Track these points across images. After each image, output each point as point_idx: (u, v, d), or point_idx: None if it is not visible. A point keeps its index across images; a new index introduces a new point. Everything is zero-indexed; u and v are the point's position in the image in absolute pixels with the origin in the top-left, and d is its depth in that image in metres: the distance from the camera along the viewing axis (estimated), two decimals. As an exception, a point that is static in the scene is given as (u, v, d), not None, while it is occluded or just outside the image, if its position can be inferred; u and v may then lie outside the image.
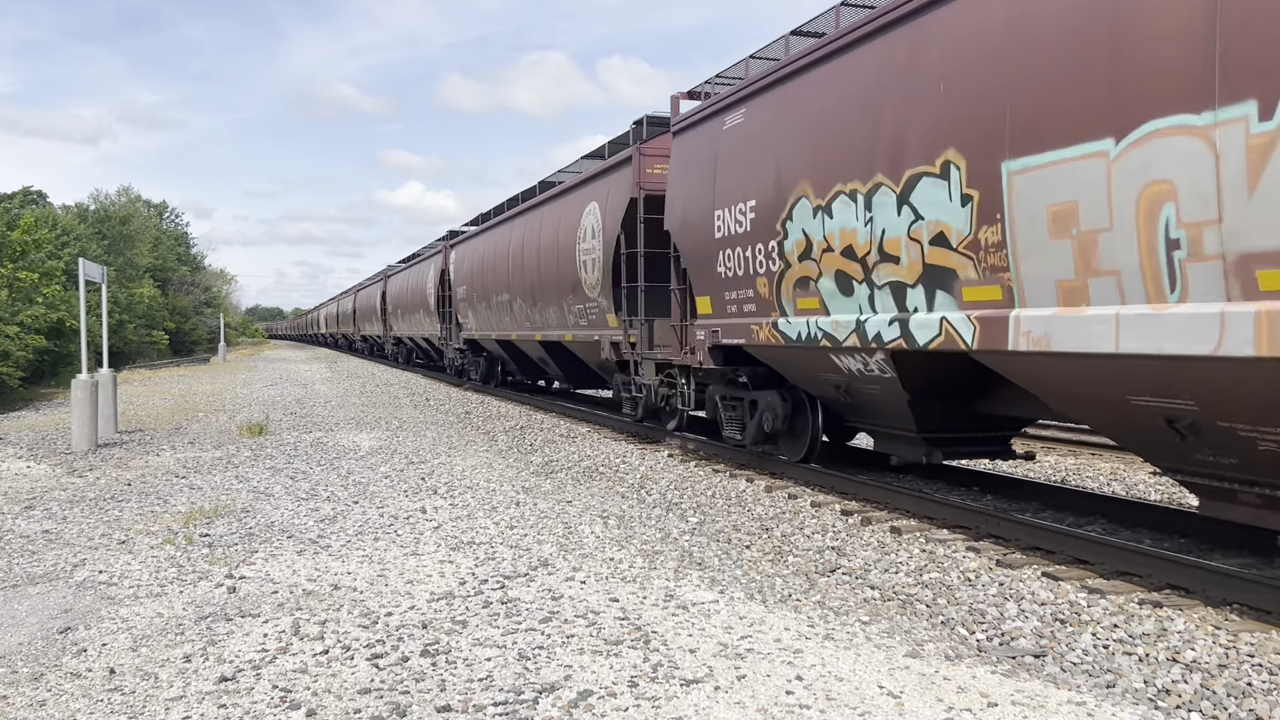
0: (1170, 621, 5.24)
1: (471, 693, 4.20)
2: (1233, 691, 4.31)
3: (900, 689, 4.23)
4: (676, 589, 5.87)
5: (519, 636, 4.94)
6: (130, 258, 52.09)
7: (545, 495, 9.18)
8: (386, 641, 4.89)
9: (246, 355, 61.54)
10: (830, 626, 5.19)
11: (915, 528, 7.62)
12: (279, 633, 5.05)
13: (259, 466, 11.19)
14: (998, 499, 8.53)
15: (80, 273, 13.63)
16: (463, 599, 5.65)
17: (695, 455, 11.84)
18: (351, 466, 11.08)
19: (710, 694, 4.15)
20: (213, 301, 76.09)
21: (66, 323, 26.53)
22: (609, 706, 4.02)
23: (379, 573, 6.28)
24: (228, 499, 9.02)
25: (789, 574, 6.44)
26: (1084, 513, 7.80)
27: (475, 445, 13.37)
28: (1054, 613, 5.47)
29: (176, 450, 12.91)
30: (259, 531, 7.58)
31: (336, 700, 4.13)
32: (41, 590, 6.03)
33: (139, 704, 4.14)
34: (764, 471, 10.43)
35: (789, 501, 8.92)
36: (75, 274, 26.33)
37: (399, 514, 8.20)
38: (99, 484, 10.15)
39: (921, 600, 5.82)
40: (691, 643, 4.83)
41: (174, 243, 73.84)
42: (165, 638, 5.02)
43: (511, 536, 7.32)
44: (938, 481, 9.42)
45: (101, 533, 7.67)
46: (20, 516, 8.41)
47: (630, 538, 7.33)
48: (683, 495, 9.34)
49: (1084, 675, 4.56)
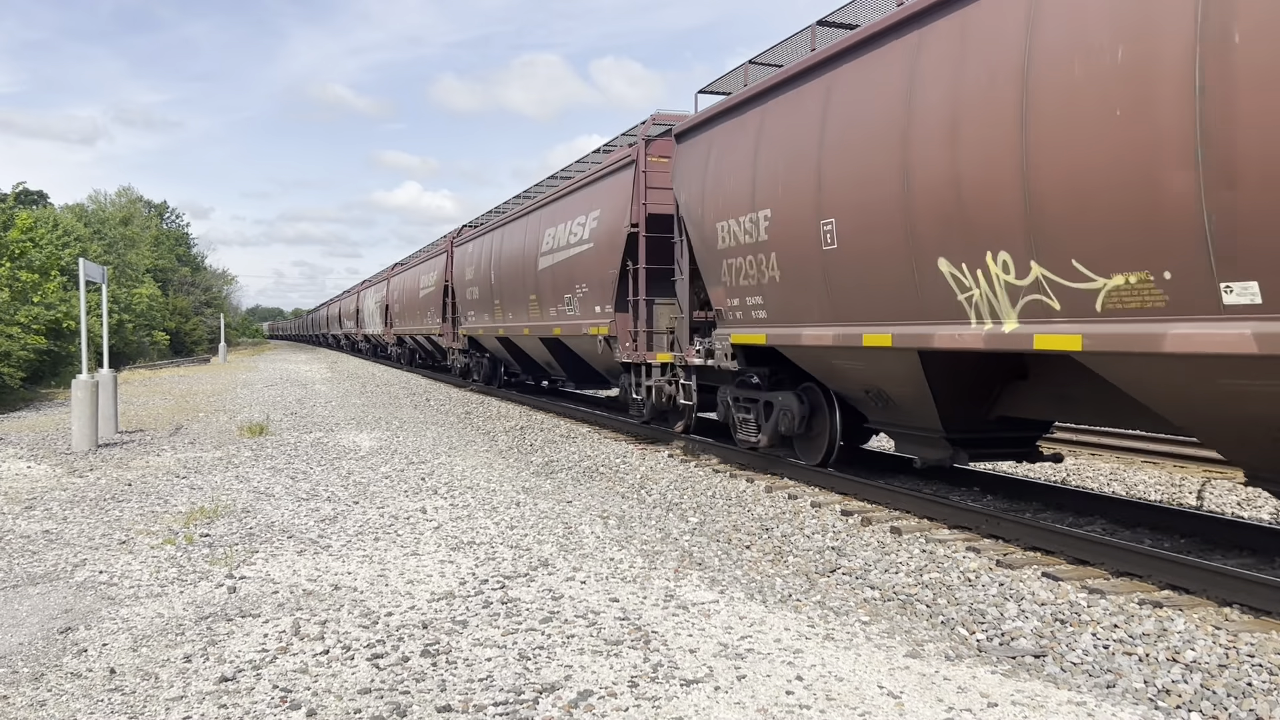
0: (1170, 621, 5.25)
1: (472, 693, 4.20)
2: (1233, 691, 4.31)
3: (900, 689, 4.23)
4: (677, 589, 5.87)
5: (519, 636, 4.94)
6: (129, 259, 52.05)
7: (545, 495, 9.18)
8: (387, 641, 4.89)
9: (247, 355, 61.53)
10: (830, 626, 5.19)
11: (915, 528, 7.62)
12: (279, 633, 5.05)
13: (259, 467, 11.19)
14: (998, 499, 8.54)
15: (80, 273, 13.64)
16: (463, 599, 5.65)
17: (695, 456, 11.84)
18: (352, 466, 11.08)
19: (710, 694, 4.15)
20: (213, 302, 76.04)
21: (64, 324, 26.50)
22: (609, 706, 4.02)
23: (379, 573, 6.28)
24: (228, 499, 9.03)
25: (789, 574, 6.45)
26: (1084, 513, 7.81)
27: (475, 445, 13.37)
28: (1054, 613, 5.48)
29: (177, 450, 12.91)
30: (259, 531, 7.58)
31: (337, 700, 4.13)
32: (42, 590, 6.03)
33: (139, 704, 4.14)
34: (764, 472, 10.43)
35: (789, 502, 8.92)
36: (75, 274, 26.35)
37: (399, 514, 8.20)
38: (99, 484, 10.15)
39: (922, 600, 5.82)
40: (691, 643, 4.83)
41: (174, 243, 73.83)
42: (165, 638, 5.02)
43: (512, 536, 7.33)
44: (938, 482, 9.42)
45: (102, 533, 7.67)
46: (21, 516, 8.41)
47: (630, 538, 7.34)
48: (683, 495, 9.35)
49: (1084, 675, 4.56)
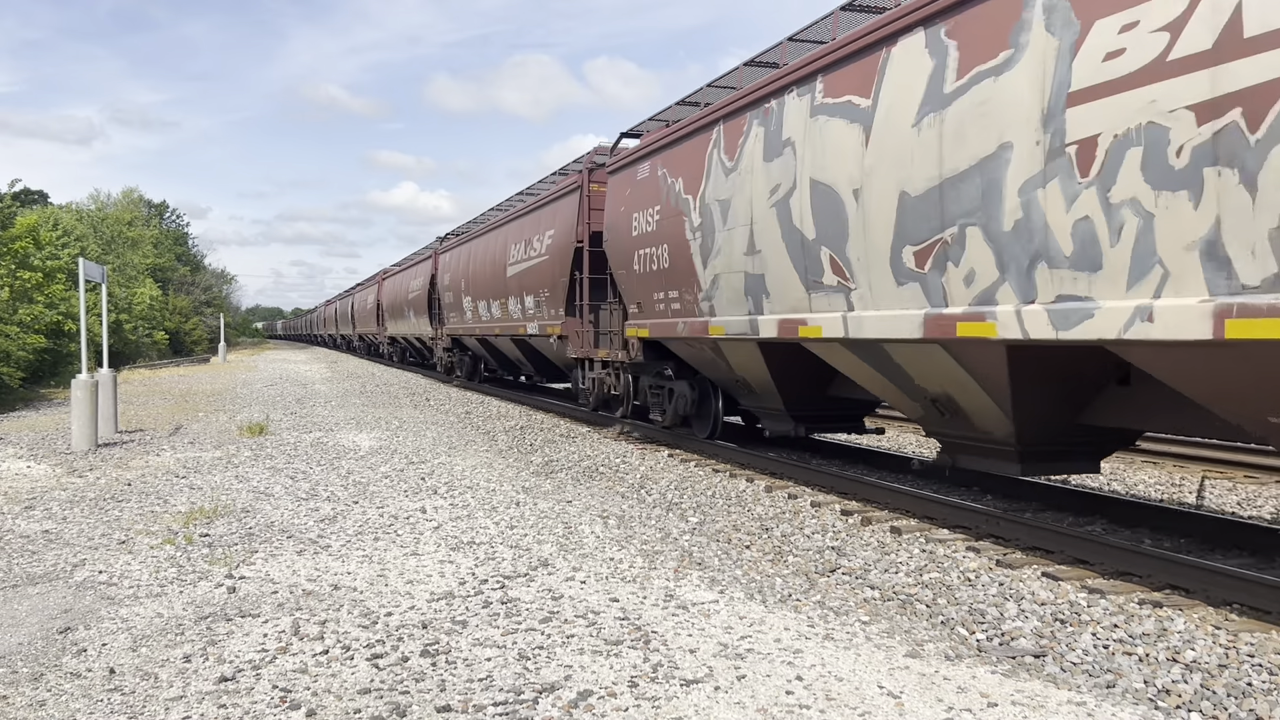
0: (1170, 621, 5.24)
1: (471, 693, 4.20)
2: (1233, 691, 4.31)
3: (900, 689, 4.23)
4: (676, 589, 5.87)
5: (519, 636, 4.94)
6: (129, 259, 52.01)
7: (545, 495, 9.18)
8: (386, 641, 4.89)
9: (247, 355, 61.51)
10: (830, 626, 5.19)
11: (915, 528, 7.62)
12: (279, 633, 5.05)
13: (259, 466, 11.19)
14: (998, 499, 8.53)
15: (80, 273, 13.63)
16: (463, 599, 5.65)
17: (695, 455, 11.85)
18: (351, 466, 11.07)
19: (710, 694, 4.14)
20: (213, 301, 75.97)
21: (65, 325, 26.47)
22: (609, 706, 4.02)
23: (379, 573, 6.28)
24: (228, 499, 9.02)
25: (789, 574, 6.44)
26: (1084, 513, 7.80)
27: (475, 445, 13.37)
28: (1054, 613, 5.47)
29: (176, 450, 12.91)
30: (259, 531, 7.58)
31: (336, 700, 4.13)
32: (41, 590, 6.02)
33: (139, 704, 4.13)
34: (764, 471, 10.44)
35: (789, 501, 8.92)
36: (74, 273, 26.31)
37: (399, 514, 8.20)
38: (99, 484, 10.14)
39: (921, 600, 5.82)
40: (691, 643, 4.83)
41: (174, 243, 73.76)
42: (165, 638, 5.02)
43: (511, 536, 7.32)
44: (937, 481, 9.42)
45: (101, 533, 7.67)
46: (20, 516, 8.41)
47: (630, 538, 7.33)
48: (683, 495, 9.35)
49: (1084, 675, 4.56)
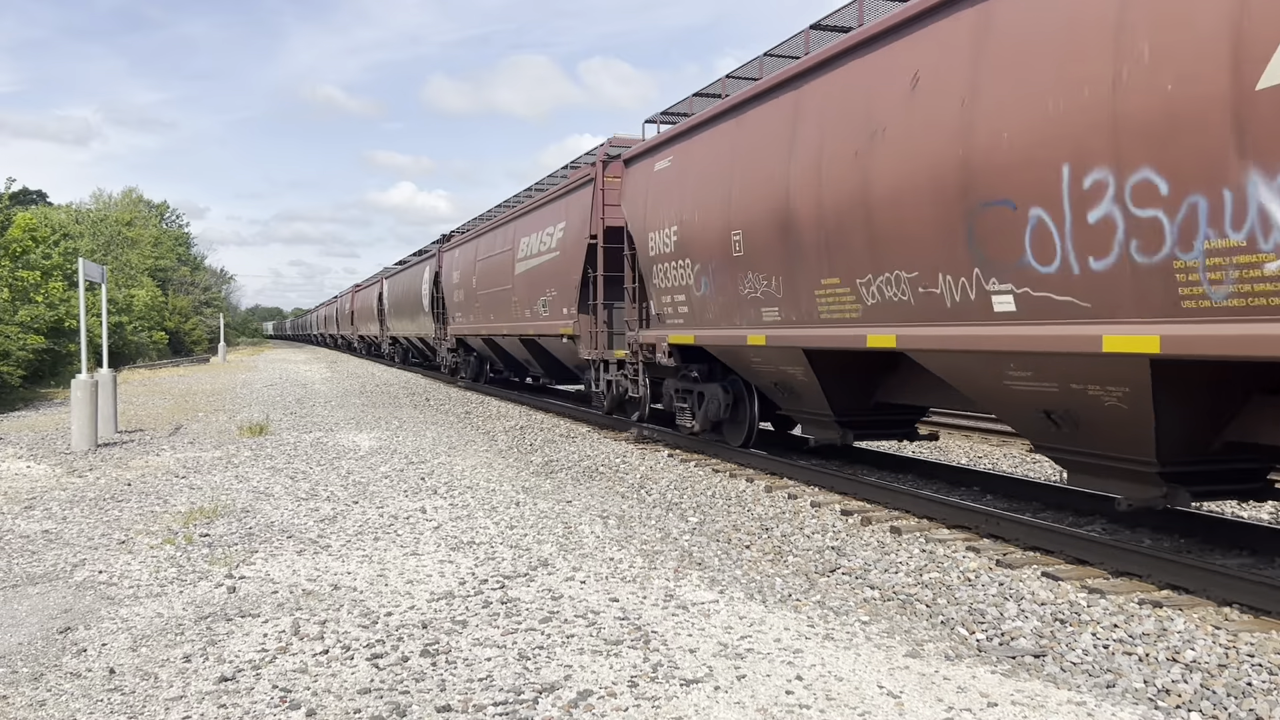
0: (1170, 621, 5.24)
1: (471, 693, 4.20)
2: (1233, 691, 4.31)
3: (900, 689, 4.23)
4: (676, 589, 5.87)
5: (519, 636, 4.94)
6: (128, 259, 51.99)
7: (545, 495, 9.18)
8: (386, 641, 4.89)
9: (246, 355, 61.51)
10: (830, 626, 5.19)
11: (915, 527, 7.62)
12: (279, 633, 5.05)
13: (259, 466, 11.19)
14: (998, 499, 8.53)
15: (80, 272, 13.63)
16: (463, 599, 5.65)
17: (695, 455, 11.84)
18: (351, 466, 11.07)
19: (710, 694, 4.14)
20: (212, 301, 75.99)
21: (65, 323, 26.47)
22: (609, 706, 4.02)
23: (379, 573, 6.28)
24: (228, 499, 9.02)
25: (789, 574, 6.44)
26: (1084, 513, 7.80)
27: (475, 445, 13.37)
28: (1054, 613, 5.47)
29: (176, 450, 12.91)
30: (259, 531, 7.58)
31: (336, 700, 4.13)
32: (41, 590, 6.02)
33: (139, 704, 4.13)
34: (764, 471, 10.44)
35: (789, 501, 8.92)
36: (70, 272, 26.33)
37: (399, 514, 8.20)
38: (99, 484, 10.14)
39: (921, 600, 5.82)
40: (691, 643, 4.83)
41: (174, 243, 73.74)
42: (165, 638, 5.02)
43: (511, 536, 7.32)
44: (938, 481, 9.42)
45: (101, 533, 7.67)
46: (20, 516, 8.41)
47: (630, 538, 7.33)
48: (683, 495, 9.34)
49: (1084, 675, 4.56)
